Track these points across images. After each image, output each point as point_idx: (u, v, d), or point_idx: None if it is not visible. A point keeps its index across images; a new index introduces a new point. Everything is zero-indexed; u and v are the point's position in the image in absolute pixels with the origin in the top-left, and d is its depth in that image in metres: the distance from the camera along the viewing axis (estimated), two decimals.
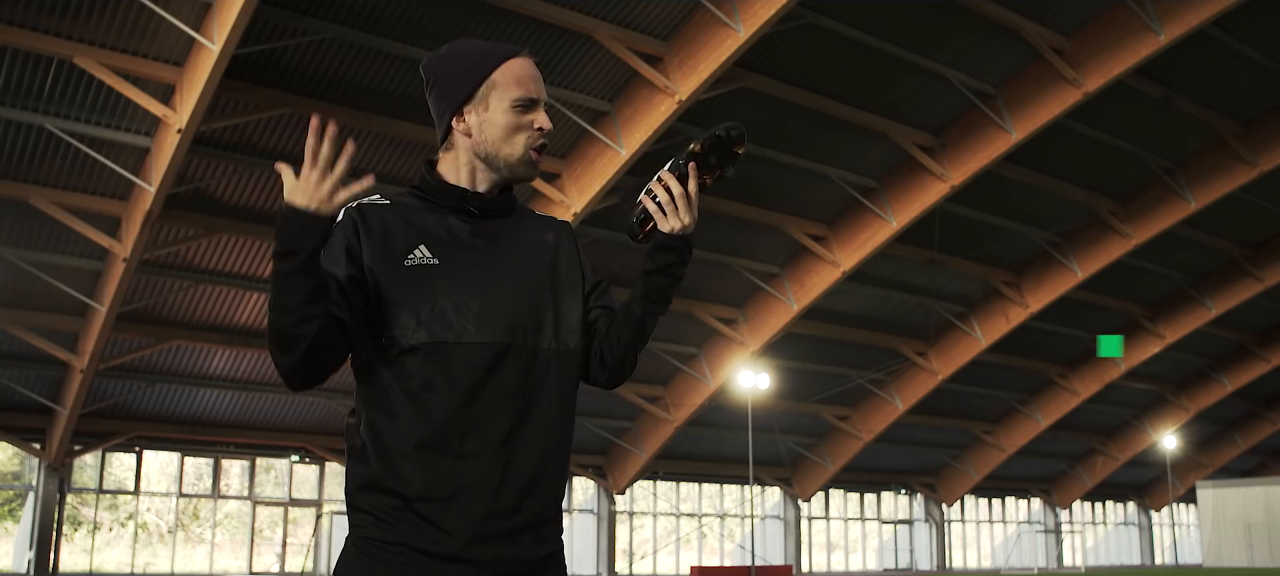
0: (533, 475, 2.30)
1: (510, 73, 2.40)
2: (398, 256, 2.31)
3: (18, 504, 26.44)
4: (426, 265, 2.31)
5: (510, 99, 2.38)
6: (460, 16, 17.85)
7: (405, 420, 2.26)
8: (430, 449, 2.24)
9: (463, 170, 2.42)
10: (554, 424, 2.35)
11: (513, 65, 2.41)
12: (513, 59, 2.42)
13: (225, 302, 23.23)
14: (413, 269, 2.30)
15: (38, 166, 18.52)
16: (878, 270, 27.57)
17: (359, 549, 2.27)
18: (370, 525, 2.27)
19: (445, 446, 2.24)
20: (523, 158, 2.39)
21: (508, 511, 2.26)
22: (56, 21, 16.09)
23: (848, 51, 20.90)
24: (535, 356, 2.33)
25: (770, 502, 37.34)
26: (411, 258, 2.31)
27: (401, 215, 2.37)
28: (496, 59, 2.42)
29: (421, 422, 2.25)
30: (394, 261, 2.31)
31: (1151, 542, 50.07)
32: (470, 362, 2.26)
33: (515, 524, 2.26)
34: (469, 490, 2.24)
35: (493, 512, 2.24)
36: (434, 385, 2.25)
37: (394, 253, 2.31)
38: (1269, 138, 25.67)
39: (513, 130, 2.38)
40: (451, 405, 2.25)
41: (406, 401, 2.26)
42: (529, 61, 2.43)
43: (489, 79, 2.40)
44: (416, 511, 2.23)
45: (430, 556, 2.22)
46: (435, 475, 2.24)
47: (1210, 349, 38.22)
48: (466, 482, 2.24)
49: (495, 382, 2.27)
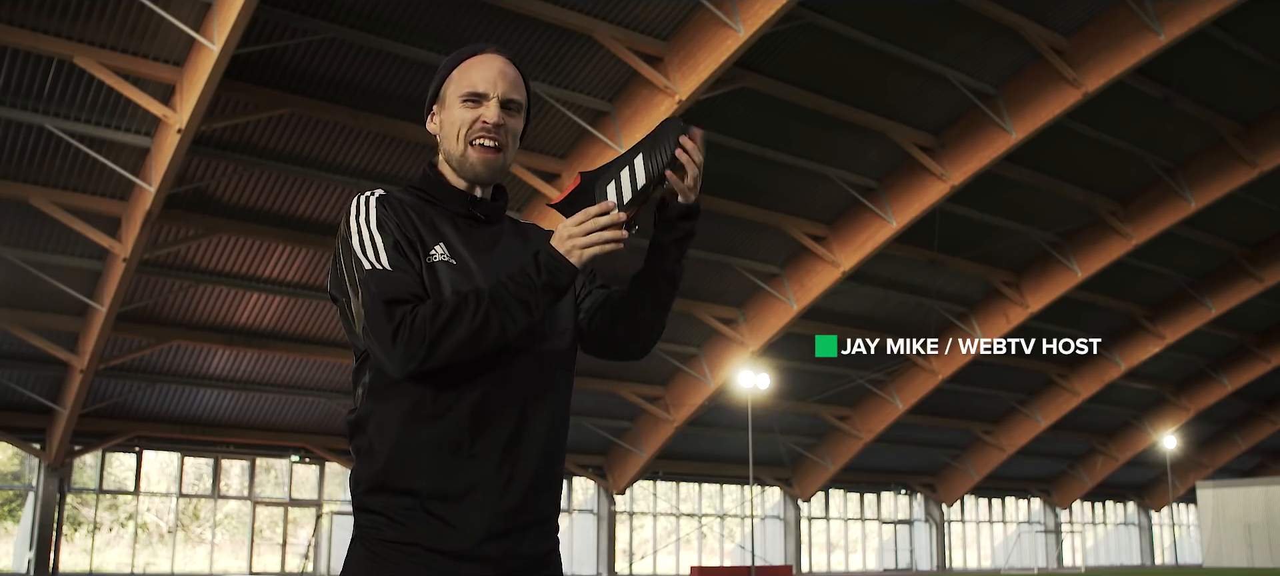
0: (539, 472, 2.34)
1: (466, 69, 2.40)
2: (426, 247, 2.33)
3: (18, 504, 26.44)
4: (448, 264, 2.32)
5: (460, 93, 2.38)
6: (460, 16, 17.85)
7: (417, 420, 2.28)
8: (442, 448, 2.26)
9: (447, 173, 2.44)
10: (556, 421, 2.39)
11: (470, 62, 2.40)
12: (474, 56, 2.41)
13: (225, 302, 23.23)
14: (433, 267, 2.31)
15: (38, 166, 18.52)
16: (878, 270, 27.57)
17: (369, 549, 2.28)
18: (382, 526, 2.28)
19: (457, 446, 2.27)
20: (465, 153, 2.38)
21: (517, 508, 2.29)
22: (56, 21, 16.08)
23: (848, 51, 20.89)
24: (539, 356, 2.36)
25: (770, 502, 37.35)
26: (433, 255, 2.32)
27: (421, 209, 2.39)
28: (459, 58, 2.43)
29: (433, 422, 2.27)
30: (423, 252, 2.32)
31: (1151, 543, 50.07)
32: (482, 363, 2.27)
33: (524, 520, 2.31)
34: (480, 488, 2.26)
35: (503, 510, 2.28)
36: (446, 385, 2.27)
37: (423, 243, 2.33)
38: (1269, 138, 25.66)
39: (461, 126, 2.38)
40: (463, 405, 2.27)
41: (418, 402, 2.28)
42: (493, 58, 2.41)
43: (449, 78, 2.42)
44: (429, 510, 2.25)
45: (444, 554, 2.24)
46: (447, 474, 2.26)
47: (1210, 349, 38.22)
48: (477, 481, 2.26)
49: (504, 382, 2.30)
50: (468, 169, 2.39)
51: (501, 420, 2.29)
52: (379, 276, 2.23)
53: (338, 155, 20.36)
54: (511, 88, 2.39)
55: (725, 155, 22.58)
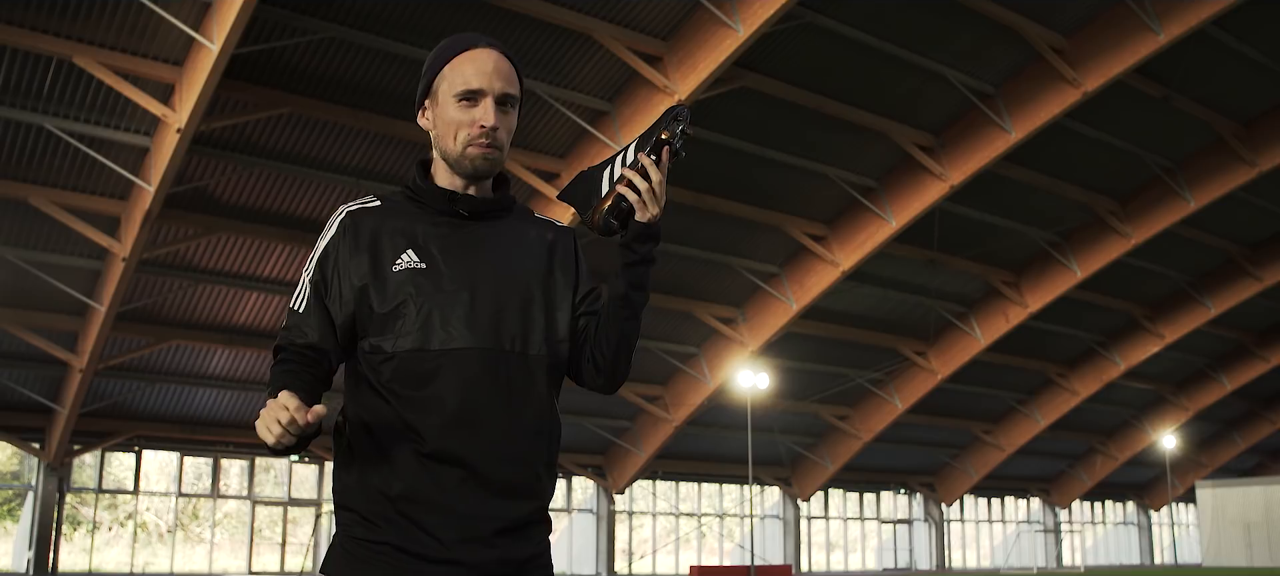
0: (518, 478, 2.30)
1: (459, 65, 2.37)
2: (386, 263, 2.31)
3: (17, 503, 26.44)
4: (414, 270, 2.31)
5: (455, 92, 2.35)
6: (460, 16, 17.84)
7: (391, 423, 2.27)
8: (415, 452, 2.25)
9: (441, 168, 2.42)
10: (541, 428, 2.35)
11: (464, 57, 2.37)
12: (467, 51, 2.37)
13: (224, 302, 23.22)
14: (400, 273, 2.30)
15: (37, 166, 18.51)
16: (877, 270, 27.56)
17: (345, 548, 2.29)
18: (356, 525, 2.28)
19: (430, 449, 2.25)
20: (465, 154, 2.35)
21: (493, 513, 2.26)
22: (56, 21, 16.08)
23: (847, 51, 20.88)
24: (522, 361, 2.32)
25: (769, 502, 37.34)
26: (399, 262, 2.31)
27: (392, 218, 2.37)
28: (451, 52, 2.39)
29: (406, 426, 2.26)
30: (382, 269, 2.31)
31: (1151, 542, 50.09)
32: (455, 367, 2.26)
33: (500, 526, 2.27)
34: (454, 492, 2.24)
35: (478, 515, 2.25)
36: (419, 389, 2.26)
37: (382, 260, 2.32)
38: (1269, 138, 25.66)
39: (456, 126, 2.35)
40: (437, 409, 2.25)
41: (392, 405, 2.27)
42: (488, 53, 2.37)
43: (441, 73, 2.39)
44: (402, 512, 2.24)
45: (415, 557, 2.23)
46: (420, 477, 2.25)
47: (1210, 349, 38.23)
48: (451, 485, 2.24)
49: (480, 386, 2.27)
50: (464, 167, 2.37)
51: (481, 424, 2.26)
52: (289, 316, 2.39)
53: (337, 155, 20.35)
54: (507, 83, 2.36)
55: (725, 155, 22.58)
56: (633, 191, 2.31)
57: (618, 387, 2.48)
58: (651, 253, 2.36)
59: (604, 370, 2.42)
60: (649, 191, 2.30)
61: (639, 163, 2.31)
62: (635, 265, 2.36)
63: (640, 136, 2.35)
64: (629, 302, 2.38)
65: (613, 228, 2.37)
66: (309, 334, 2.34)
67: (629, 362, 2.45)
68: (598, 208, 2.37)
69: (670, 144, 2.31)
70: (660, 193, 2.32)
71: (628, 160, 2.33)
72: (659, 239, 2.37)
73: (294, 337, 2.36)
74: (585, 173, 2.42)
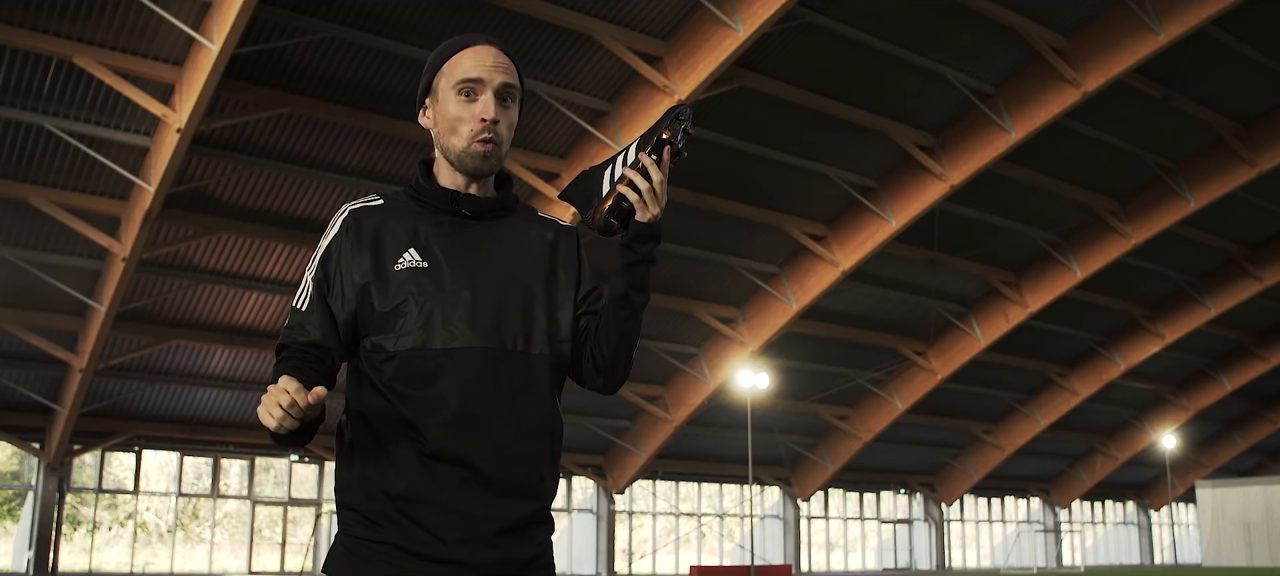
0: (519, 478, 2.30)
1: (459, 60, 2.37)
2: (388, 262, 2.32)
3: (17, 503, 26.44)
4: (415, 268, 2.31)
5: (454, 86, 2.35)
6: (460, 16, 17.84)
7: (392, 422, 2.27)
8: (417, 451, 2.25)
9: (443, 167, 2.42)
10: (543, 427, 2.35)
11: (463, 53, 2.37)
12: (467, 48, 2.38)
13: (224, 302, 23.22)
14: (402, 272, 2.30)
15: (37, 166, 18.51)
16: (877, 270, 27.57)
17: (346, 547, 2.29)
18: (357, 524, 2.29)
19: (432, 449, 2.25)
20: (466, 150, 2.35)
21: (494, 514, 2.26)
22: (56, 21, 16.08)
23: (847, 51, 20.88)
24: (524, 360, 2.32)
25: (769, 502, 37.34)
26: (401, 262, 2.31)
27: (394, 217, 2.37)
28: (451, 50, 2.40)
29: (408, 425, 2.26)
30: (384, 268, 2.31)
31: (1151, 542, 50.09)
32: (457, 366, 2.26)
33: (501, 526, 2.26)
34: (456, 492, 2.24)
35: (479, 514, 2.24)
36: (421, 388, 2.26)
37: (384, 259, 2.32)
38: (1269, 138, 25.66)
39: (457, 121, 2.35)
40: (438, 408, 2.25)
41: (393, 404, 2.27)
42: (487, 48, 2.37)
43: (441, 70, 2.39)
44: (403, 512, 2.24)
45: (417, 557, 2.23)
46: (422, 477, 2.24)
47: (1210, 348, 38.23)
48: (453, 484, 2.24)
49: (482, 386, 2.27)
50: (465, 164, 2.37)
51: (482, 424, 2.26)
52: (292, 315, 2.39)
53: (337, 154, 20.35)
54: (506, 75, 2.37)
55: (725, 155, 22.59)
56: (633, 191, 2.31)
57: (618, 387, 2.48)
58: (652, 252, 2.36)
59: (604, 370, 2.42)
60: (650, 191, 2.30)
61: (640, 162, 2.31)
62: (636, 265, 2.36)
63: (641, 136, 2.35)
64: (629, 302, 2.38)
65: (613, 227, 2.36)
66: (311, 332, 2.34)
67: (629, 363, 2.45)
68: (598, 207, 2.37)
69: (672, 143, 2.31)
70: (661, 192, 2.31)
71: (629, 160, 2.33)
72: (660, 239, 2.36)
73: (297, 336, 2.36)
74: (586, 172, 2.42)
